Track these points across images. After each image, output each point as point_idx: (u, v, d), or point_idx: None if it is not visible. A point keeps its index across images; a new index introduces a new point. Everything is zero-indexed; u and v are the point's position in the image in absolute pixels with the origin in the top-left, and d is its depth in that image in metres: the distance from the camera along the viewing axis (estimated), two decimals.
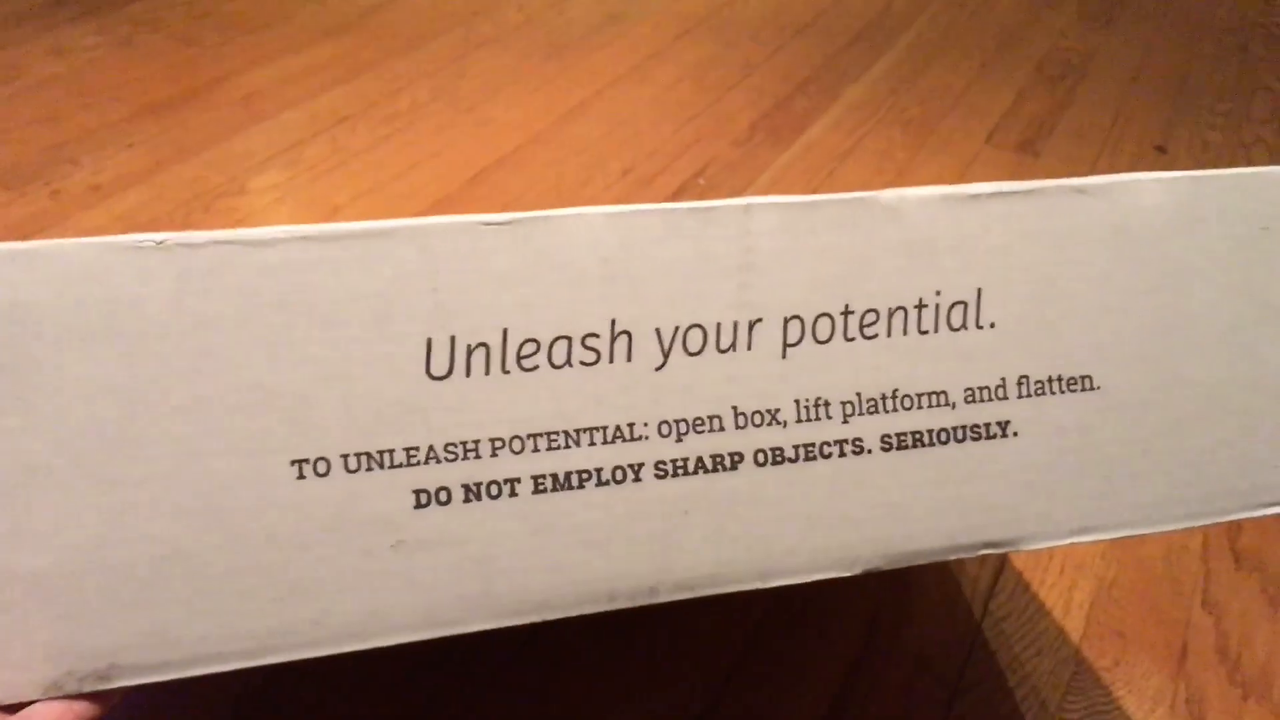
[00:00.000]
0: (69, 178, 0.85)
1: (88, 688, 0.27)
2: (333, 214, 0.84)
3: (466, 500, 0.28)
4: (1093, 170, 0.99)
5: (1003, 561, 0.58)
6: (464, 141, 0.95)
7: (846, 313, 0.31)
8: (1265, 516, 0.34)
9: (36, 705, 0.27)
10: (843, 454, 0.31)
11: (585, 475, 0.29)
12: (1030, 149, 1.02)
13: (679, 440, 0.30)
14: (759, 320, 0.30)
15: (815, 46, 1.19)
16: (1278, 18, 1.35)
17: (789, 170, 0.95)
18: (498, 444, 0.29)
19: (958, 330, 0.31)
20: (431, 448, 0.28)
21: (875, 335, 0.31)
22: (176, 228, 0.80)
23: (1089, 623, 0.56)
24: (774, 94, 1.08)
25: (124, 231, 0.77)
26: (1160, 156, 1.02)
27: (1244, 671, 0.54)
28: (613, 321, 0.29)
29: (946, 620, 0.55)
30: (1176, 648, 0.55)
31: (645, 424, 0.29)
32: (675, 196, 0.90)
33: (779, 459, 0.30)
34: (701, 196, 0.90)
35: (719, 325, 0.30)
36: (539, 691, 0.50)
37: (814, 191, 0.92)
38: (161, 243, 0.26)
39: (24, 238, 0.76)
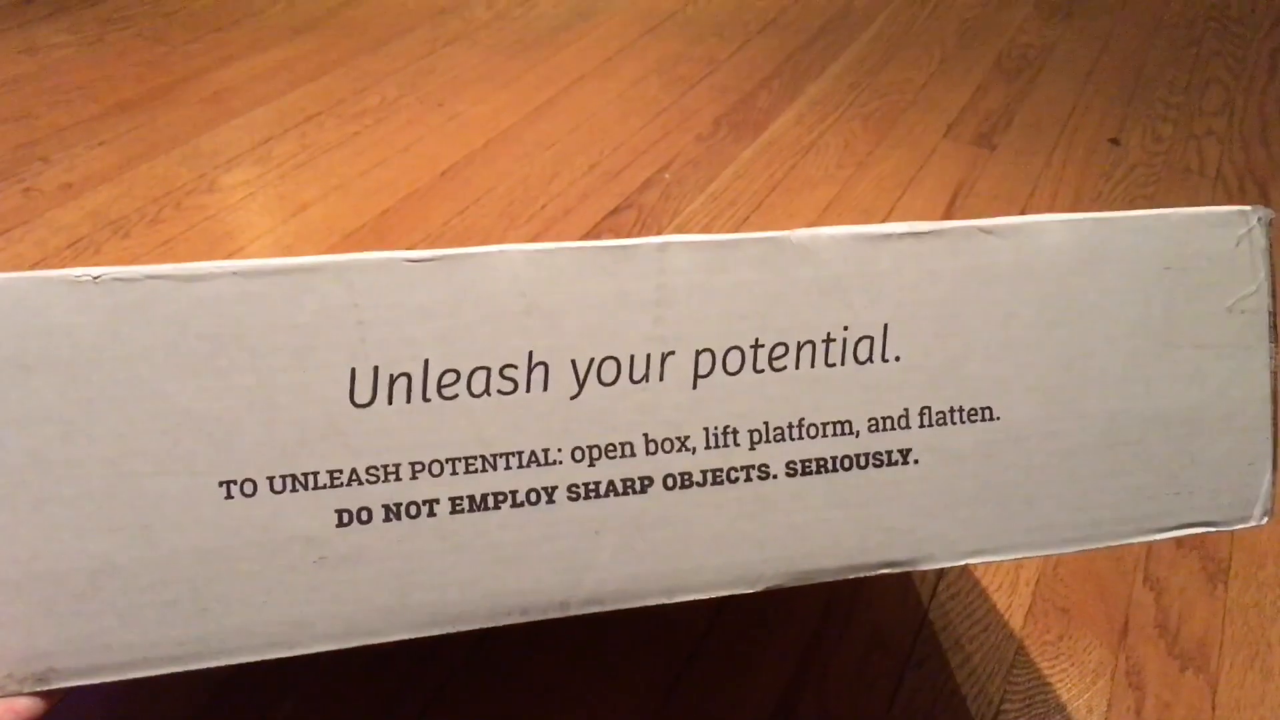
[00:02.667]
0: (40, 175, 0.86)
1: (27, 689, 0.29)
2: (302, 210, 0.85)
3: (387, 519, 0.30)
4: (1048, 162, 1.01)
5: None
6: (433, 137, 0.96)
7: (756, 346, 0.32)
8: (1154, 542, 0.36)
9: None
10: (749, 479, 0.33)
11: (501, 497, 0.31)
12: (987, 142, 1.04)
13: (591, 465, 0.31)
14: (671, 353, 0.32)
15: (778, 43, 1.21)
16: (1230, 12, 1.37)
17: (752, 165, 0.97)
18: (418, 467, 0.30)
19: (864, 363, 0.33)
20: (354, 470, 0.30)
21: (784, 368, 0.32)
22: (148, 225, 0.81)
23: (1034, 599, 0.58)
24: (738, 90, 1.10)
25: (96, 228, 0.79)
26: (1114, 149, 1.04)
27: (1182, 645, 0.57)
28: (530, 353, 0.31)
29: (898, 599, 0.58)
30: (1118, 623, 0.58)
31: (559, 449, 0.31)
32: (641, 190, 0.92)
33: (687, 483, 0.32)
34: (667, 190, 0.92)
35: (633, 357, 0.31)
36: (506, 675, 0.52)
37: (775, 186, 0.94)
38: (98, 278, 0.28)
39: None
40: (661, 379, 0.32)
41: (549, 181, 0.92)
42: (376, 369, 0.30)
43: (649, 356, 0.31)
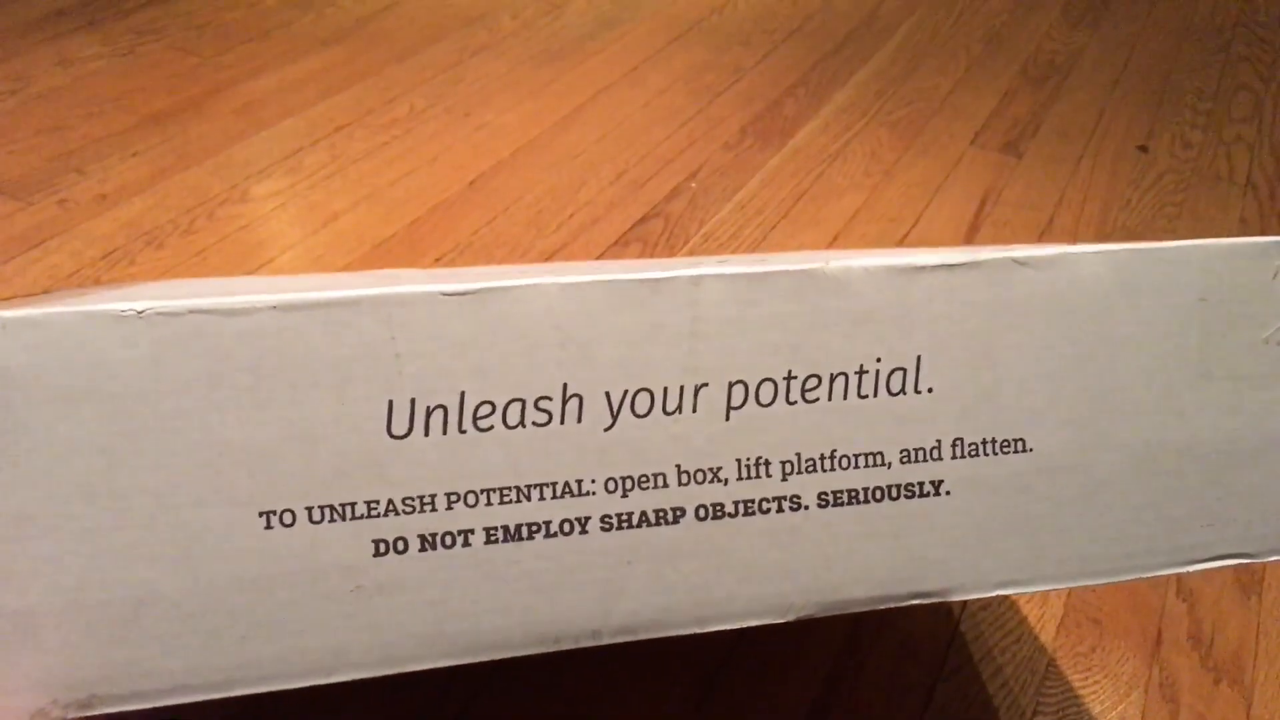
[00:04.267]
0: (75, 187, 0.87)
1: (71, 714, 0.29)
2: (333, 220, 0.85)
3: (422, 549, 0.30)
4: (1075, 170, 1.00)
5: None
6: (461, 147, 0.97)
7: (789, 378, 0.32)
8: (1188, 573, 0.36)
9: None
10: (781, 510, 0.33)
11: (535, 527, 0.31)
12: (1014, 150, 1.03)
13: (624, 495, 0.32)
14: (704, 385, 0.32)
15: (804, 50, 1.21)
16: (1259, 17, 1.36)
17: (778, 173, 0.97)
18: (453, 498, 0.30)
19: (896, 395, 0.33)
20: (391, 501, 0.30)
21: (816, 399, 0.33)
22: (181, 235, 0.82)
23: (1067, 611, 0.58)
24: (764, 98, 1.10)
25: (130, 239, 0.80)
26: (1142, 156, 1.03)
27: (1216, 657, 0.56)
28: (565, 385, 0.31)
29: (930, 610, 0.58)
30: (1151, 634, 0.57)
31: (593, 480, 0.31)
32: (669, 199, 0.92)
33: (719, 514, 0.32)
34: (694, 199, 0.92)
35: (666, 389, 0.31)
36: (534, 692, 0.52)
37: (802, 194, 0.94)
38: (142, 312, 0.28)
39: (33, 247, 0.79)
40: (694, 411, 0.32)
41: (577, 191, 0.92)
42: (413, 401, 0.30)
43: (682, 388, 0.32)
